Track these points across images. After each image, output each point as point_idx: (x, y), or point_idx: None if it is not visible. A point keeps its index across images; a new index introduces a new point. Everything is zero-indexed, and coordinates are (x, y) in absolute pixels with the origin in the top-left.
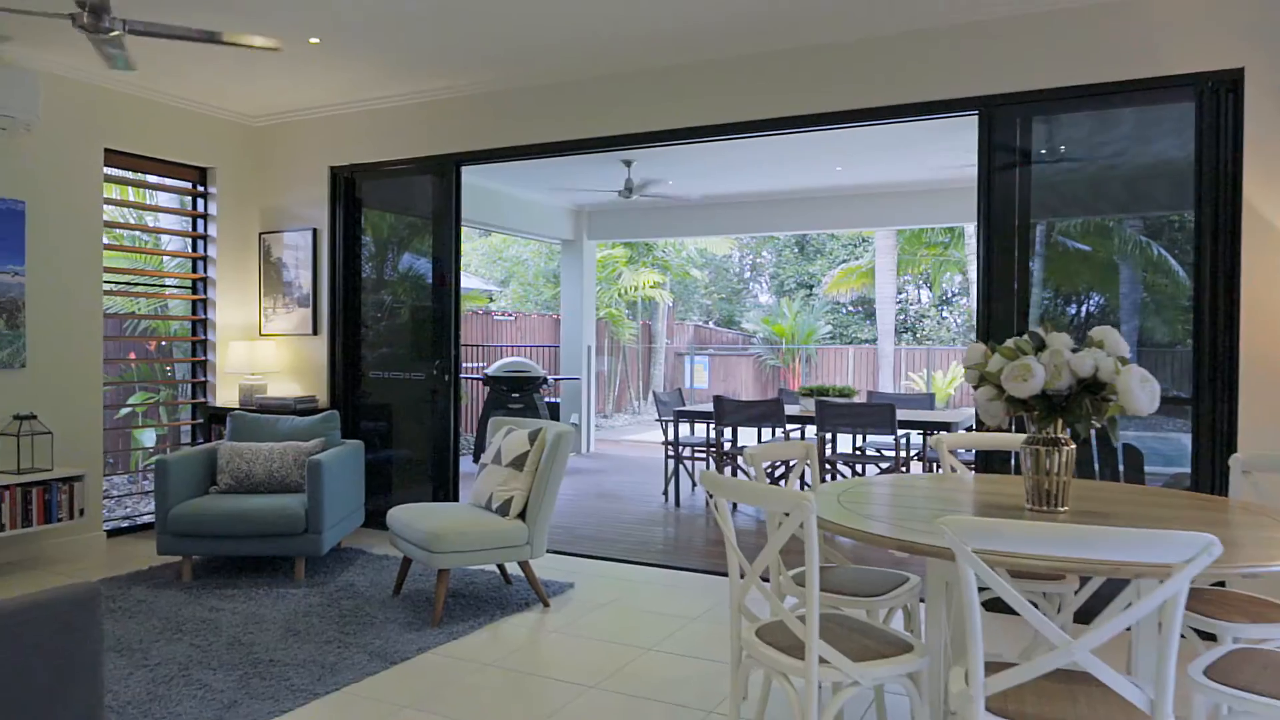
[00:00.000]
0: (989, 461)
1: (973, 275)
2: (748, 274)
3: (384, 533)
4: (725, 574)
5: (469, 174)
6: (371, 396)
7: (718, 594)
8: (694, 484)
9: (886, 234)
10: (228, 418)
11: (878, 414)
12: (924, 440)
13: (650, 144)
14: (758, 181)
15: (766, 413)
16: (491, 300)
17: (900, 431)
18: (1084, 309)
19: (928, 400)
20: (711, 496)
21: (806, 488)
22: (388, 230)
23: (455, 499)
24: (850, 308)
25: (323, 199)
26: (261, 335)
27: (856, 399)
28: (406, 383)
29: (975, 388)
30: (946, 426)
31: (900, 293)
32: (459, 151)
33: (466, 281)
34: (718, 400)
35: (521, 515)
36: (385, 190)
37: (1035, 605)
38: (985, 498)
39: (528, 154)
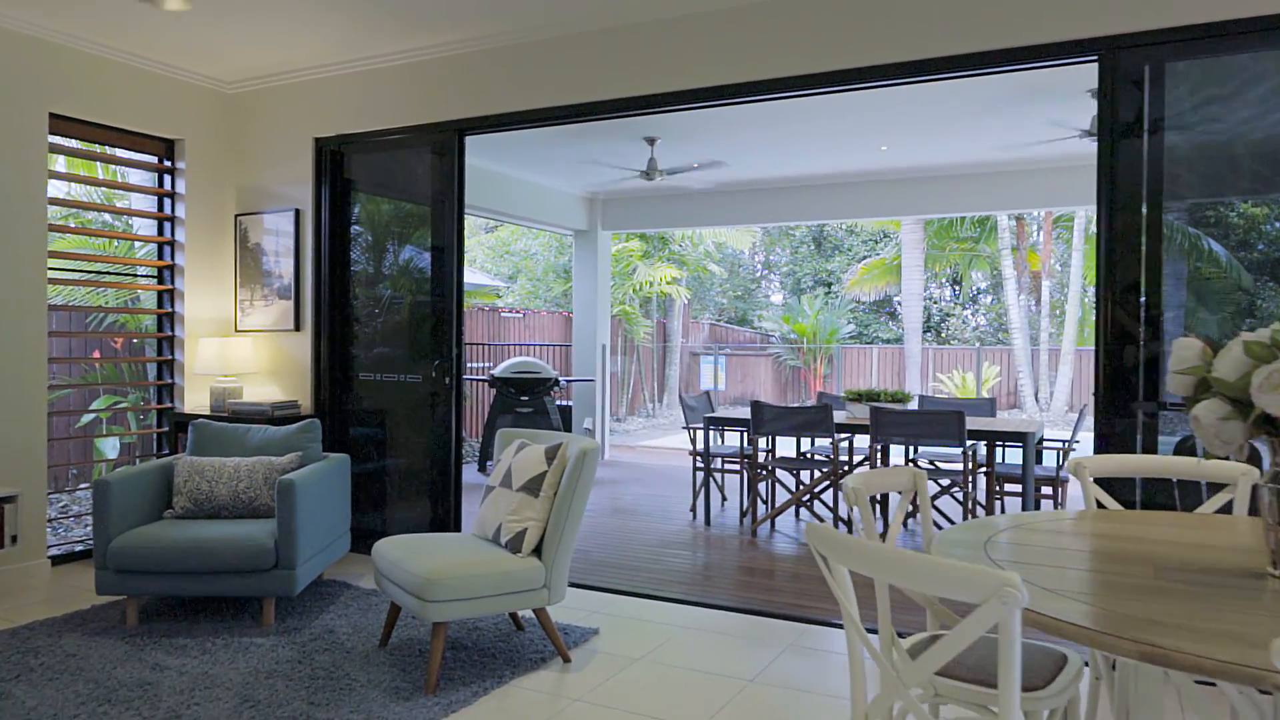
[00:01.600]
0: (1115, 488)
1: (1007, 272)
2: (760, 272)
3: (365, 556)
4: (777, 615)
5: (474, 154)
6: (362, 401)
7: (771, 643)
8: (724, 499)
9: (913, 228)
10: (189, 427)
11: (944, 423)
12: (989, 452)
13: (679, 106)
14: (791, 164)
15: (813, 420)
16: (498, 296)
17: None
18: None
19: (987, 406)
20: (824, 561)
21: (909, 520)
22: (381, 211)
23: (457, 515)
24: (870, 306)
25: (306, 175)
26: (238, 331)
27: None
28: (402, 385)
29: (1189, 400)
30: (1021, 437)
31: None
32: (461, 118)
33: (472, 277)
34: (756, 406)
35: (537, 551)
36: (378, 165)
37: None
38: (1198, 556)
39: (540, 119)
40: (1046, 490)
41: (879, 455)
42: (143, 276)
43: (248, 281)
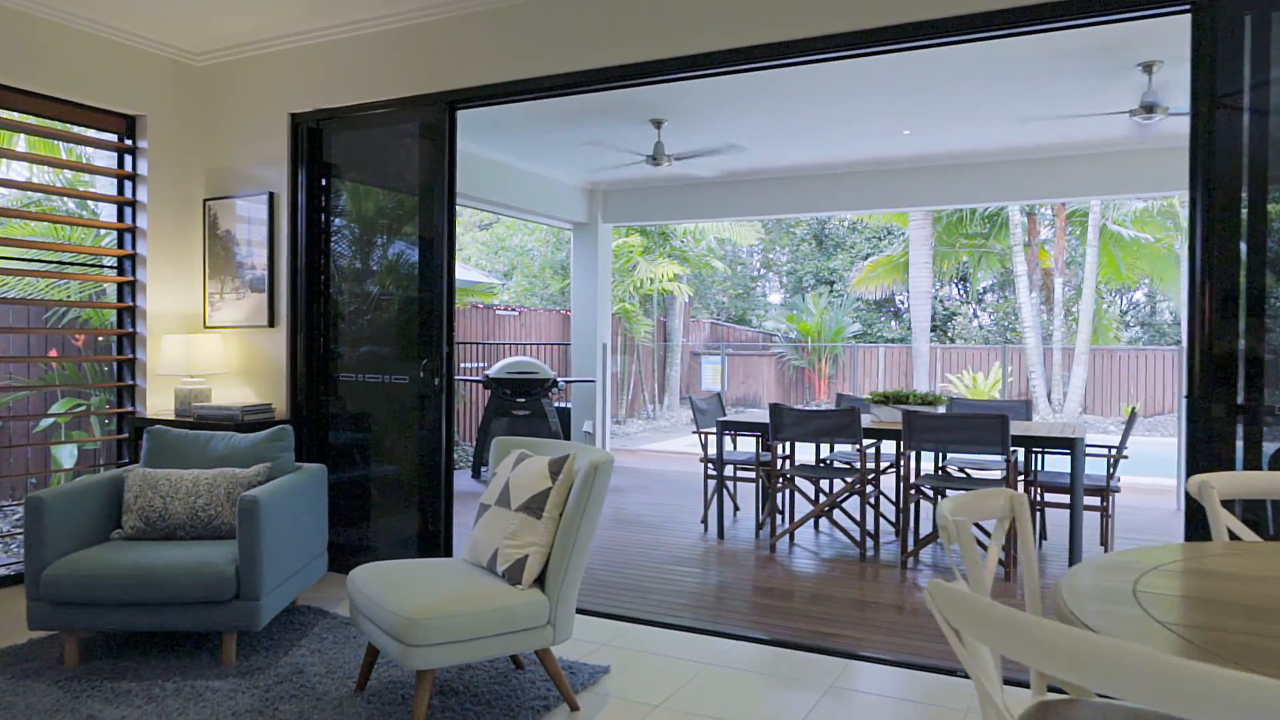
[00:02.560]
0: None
1: (1019, 268)
2: (759, 271)
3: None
4: (809, 648)
5: (467, 138)
6: (344, 404)
7: (808, 683)
8: (736, 508)
9: (921, 223)
10: (144, 434)
11: (986, 428)
12: (1026, 459)
13: (693, 72)
14: (806, 151)
15: (838, 425)
16: (494, 293)
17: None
18: None
19: (1023, 408)
20: (956, 633)
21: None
22: (364, 195)
23: (448, 528)
24: (872, 305)
25: (281, 155)
26: (206, 327)
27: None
28: (387, 387)
29: None
30: (1067, 443)
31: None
32: (452, 89)
33: (466, 273)
34: (775, 409)
35: (539, 583)
36: (360, 144)
37: None
38: None
39: (539, 90)
40: (1090, 500)
41: (911, 463)
42: (103, 267)
43: (217, 273)
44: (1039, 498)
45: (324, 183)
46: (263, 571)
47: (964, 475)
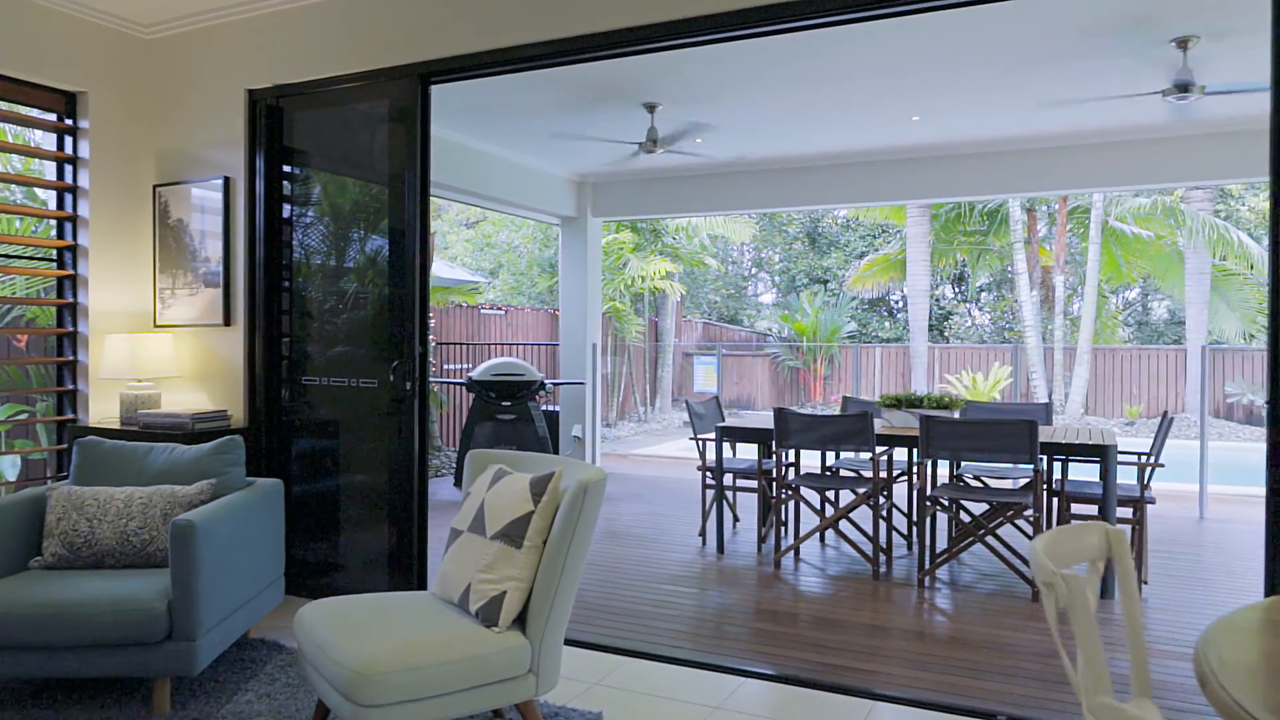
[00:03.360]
0: None
1: (1019, 266)
2: (750, 270)
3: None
4: (827, 687)
5: (446, 125)
6: (308, 410)
7: None
8: (736, 519)
9: (919, 219)
10: (74, 447)
11: (1012, 434)
12: (1063, 469)
13: (692, 36)
14: (809, 139)
15: (850, 431)
16: (479, 292)
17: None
18: None
19: (1042, 411)
20: None
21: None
22: (330, 181)
23: (422, 545)
24: (867, 304)
25: (238, 136)
26: (157, 326)
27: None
28: (355, 392)
29: None
30: (1098, 451)
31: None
32: (425, 61)
33: (450, 272)
34: (780, 414)
35: (520, 623)
36: (324, 124)
37: None
38: None
39: (521, 60)
40: (1121, 512)
41: (929, 471)
42: (43, 260)
43: (169, 266)
44: (1066, 510)
45: (285, 168)
46: (200, 607)
47: (982, 485)
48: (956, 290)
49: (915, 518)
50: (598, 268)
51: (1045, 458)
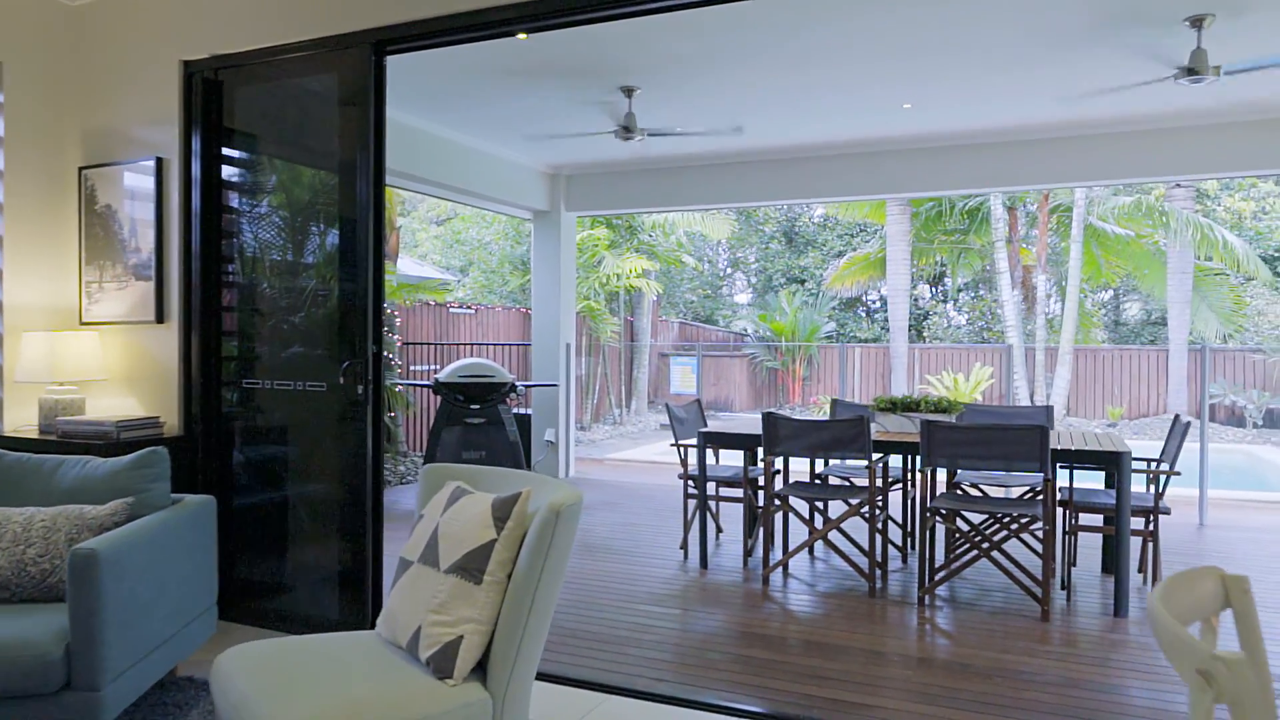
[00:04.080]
0: None
1: (1001, 265)
2: (725, 270)
3: (251, 629)
4: None
5: (408, 108)
6: (250, 417)
7: None
8: (719, 530)
9: (899, 218)
10: None
11: (1021, 442)
12: (1069, 477)
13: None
14: (791, 130)
15: (844, 437)
16: (448, 290)
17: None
18: None
19: (1041, 414)
20: None
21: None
22: (273, 164)
23: (377, 562)
24: (844, 303)
25: (172, 113)
26: (83, 324)
27: (956, 415)
28: (303, 396)
29: None
30: (1111, 459)
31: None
32: (380, 27)
33: (419, 269)
34: (769, 420)
35: (480, 670)
36: (268, 101)
37: None
38: None
39: (487, 25)
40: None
41: (926, 480)
42: None
43: (97, 257)
44: (1074, 521)
45: (225, 150)
46: (104, 651)
47: (981, 494)
48: (934, 290)
49: (911, 529)
50: (571, 265)
51: (1058, 466)
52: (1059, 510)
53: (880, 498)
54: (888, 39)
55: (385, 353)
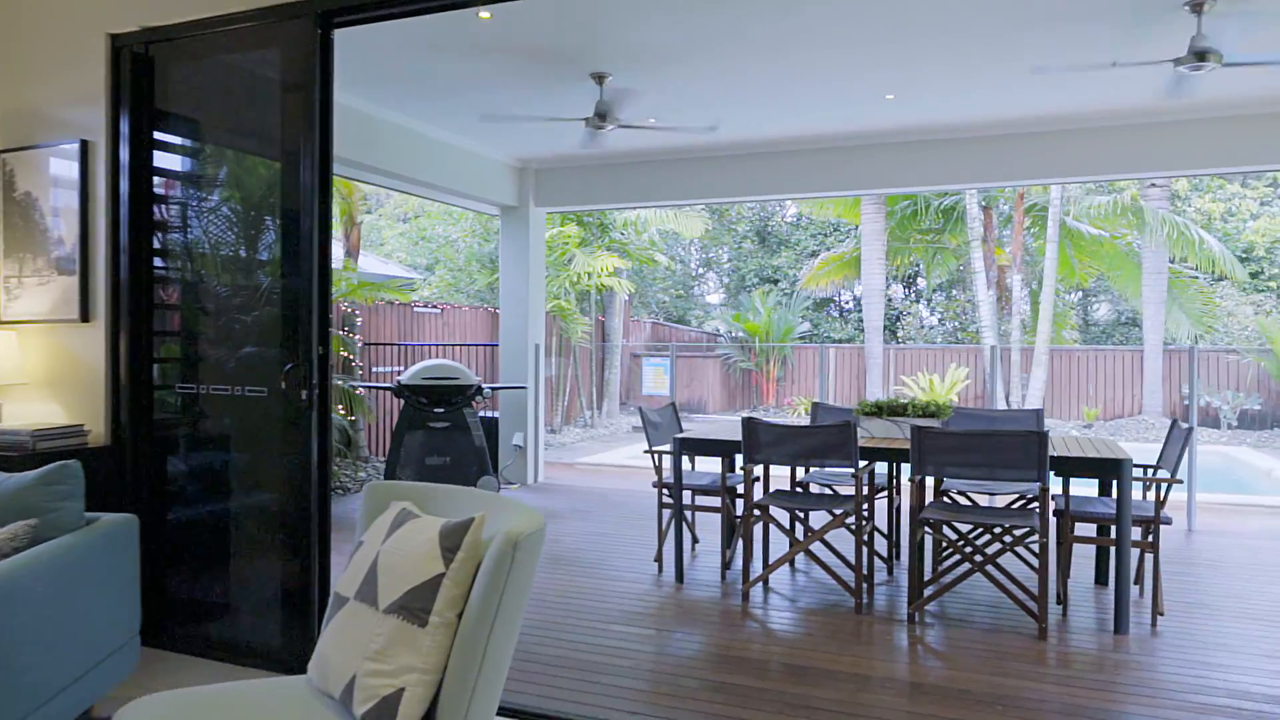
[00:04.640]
0: None
1: (976, 265)
2: (697, 270)
3: (184, 658)
4: None
5: (367, 97)
6: (186, 424)
7: None
8: (695, 540)
9: (874, 217)
10: None
11: (1017, 449)
12: (1064, 485)
13: None
14: (767, 123)
15: (830, 443)
16: (413, 289)
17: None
18: None
19: (1030, 418)
20: None
21: None
22: (211, 149)
23: (324, 579)
24: (816, 303)
25: (98, 91)
26: (1, 322)
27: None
28: (241, 401)
29: None
30: (1111, 466)
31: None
32: None
33: (382, 267)
34: (749, 425)
35: None
36: (204, 80)
37: None
38: None
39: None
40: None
41: (914, 489)
42: None
43: (16, 249)
44: (1071, 532)
45: (158, 134)
46: None
47: (971, 504)
48: (907, 291)
49: (897, 540)
50: (541, 263)
51: (1054, 474)
52: (1054, 520)
53: (866, 507)
54: (871, 22)
55: (347, 354)
